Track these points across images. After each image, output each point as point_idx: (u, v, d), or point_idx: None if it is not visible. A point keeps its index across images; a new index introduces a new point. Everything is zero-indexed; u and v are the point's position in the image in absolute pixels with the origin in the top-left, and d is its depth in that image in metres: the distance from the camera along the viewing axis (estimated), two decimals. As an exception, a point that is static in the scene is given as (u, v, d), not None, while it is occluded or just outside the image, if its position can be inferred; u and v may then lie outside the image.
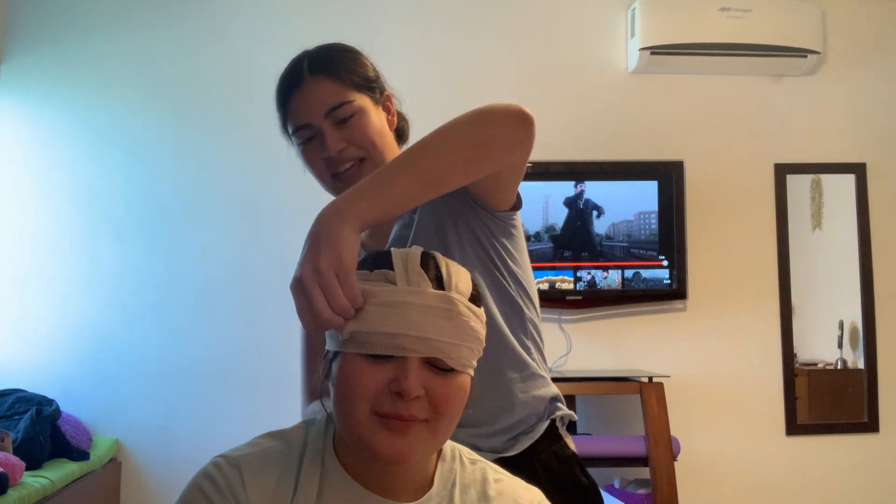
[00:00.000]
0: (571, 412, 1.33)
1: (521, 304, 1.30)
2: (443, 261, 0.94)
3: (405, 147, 1.38)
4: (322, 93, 1.27)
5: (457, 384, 0.92)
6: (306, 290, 0.89)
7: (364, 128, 1.28)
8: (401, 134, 1.41)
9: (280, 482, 0.92)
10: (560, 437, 1.31)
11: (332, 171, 1.29)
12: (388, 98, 1.36)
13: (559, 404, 1.32)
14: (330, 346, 0.93)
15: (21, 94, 3.26)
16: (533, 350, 1.31)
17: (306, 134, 1.29)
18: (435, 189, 1.06)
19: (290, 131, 1.32)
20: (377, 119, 1.30)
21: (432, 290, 0.90)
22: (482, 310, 0.96)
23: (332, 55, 1.32)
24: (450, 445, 1.02)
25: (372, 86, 1.32)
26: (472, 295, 0.94)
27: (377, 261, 0.94)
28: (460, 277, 0.94)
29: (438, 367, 0.90)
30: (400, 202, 1.01)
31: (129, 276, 3.22)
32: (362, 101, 1.29)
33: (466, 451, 1.03)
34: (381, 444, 0.89)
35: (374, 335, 0.89)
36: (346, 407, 0.90)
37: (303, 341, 1.37)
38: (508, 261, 1.29)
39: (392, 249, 0.94)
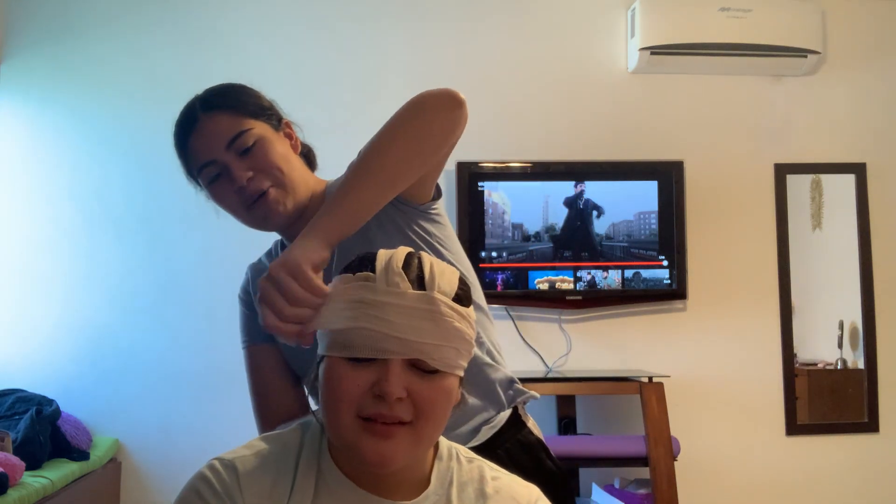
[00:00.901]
0: (532, 392, 1.34)
1: None
2: (427, 260, 0.94)
3: (316, 172, 1.42)
4: (219, 126, 1.28)
5: (441, 386, 0.91)
6: (267, 298, 0.94)
7: (267, 153, 1.28)
8: (310, 162, 1.42)
9: (276, 484, 0.93)
10: (524, 424, 1.32)
11: (245, 203, 1.29)
12: (288, 125, 1.37)
13: (517, 386, 1.33)
14: (319, 350, 0.94)
15: (21, 95, 3.26)
16: (481, 334, 1.31)
17: (212, 171, 1.30)
18: (394, 189, 1.11)
19: (196, 173, 1.33)
20: (280, 145, 1.31)
21: (412, 290, 0.90)
22: (470, 309, 0.95)
23: (222, 91, 1.33)
24: (446, 444, 1.02)
25: (268, 113, 1.33)
26: (457, 294, 0.93)
27: (362, 263, 0.93)
28: (444, 277, 0.93)
29: (422, 369, 0.90)
30: (363, 210, 1.08)
31: (129, 276, 3.22)
32: (261, 128, 1.30)
33: (463, 450, 1.03)
34: (365, 449, 0.89)
35: (354, 338, 0.89)
36: (332, 411, 0.91)
37: (249, 372, 1.46)
38: (438, 246, 1.30)
39: (379, 251, 0.94)
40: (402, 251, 0.94)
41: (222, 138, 1.27)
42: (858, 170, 3.44)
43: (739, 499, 3.27)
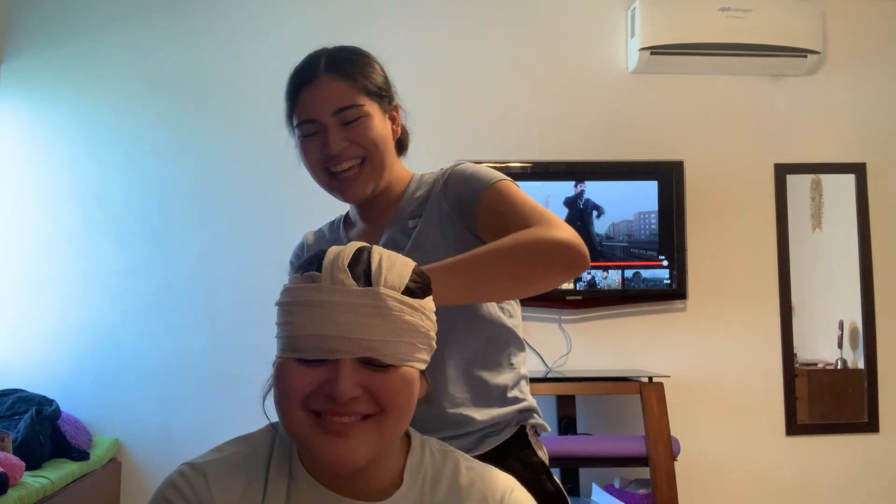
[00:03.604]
0: (544, 423, 1.37)
1: (503, 313, 1.35)
2: (377, 254, 0.91)
3: (403, 159, 1.43)
4: (334, 92, 1.29)
5: (398, 378, 0.88)
6: None
7: (367, 130, 1.30)
8: (402, 146, 1.43)
9: (247, 488, 0.91)
10: (528, 444, 1.33)
11: (327, 166, 1.31)
12: (396, 108, 1.39)
13: (534, 414, 1.36)
14: (276, 353, 0.92)
15: (21, 94, 3.26)
16: (516, 365, 1.35)
17: (311, 129, 1.31)
18: (474, 298, 1.17)
19: (295, 123, 1.33)
20: (382, 126, 1.33)
21: (357, 287, 0.87)
22: (427, 300, 0.93)
23: (349, 56, 1.34)
24: (419, 438, 1.00)
25: (382, 94, 1.34)
26: (408, 287, 0.90)
27: (310, 262, 0.91)
28: (393, 270, 0.90)
29: (376, 364, 0.87)
30: (441, 296, 1.05)
31: (129, 276, 3.22)
32: (371, 107, 1.31)
33: (436, 443, 1.01)
34: (322, 448, 0.87)
35: (302, 338, 0.86)
36: (283, 408, 0.89)
37: None
38: None
39: (330, 248, 0.92)
40: (353, 246, 0.91)
41: (332, 104, 1.29)
42: (858, 170, 3.44)
43: (739, 499, 3.27)
